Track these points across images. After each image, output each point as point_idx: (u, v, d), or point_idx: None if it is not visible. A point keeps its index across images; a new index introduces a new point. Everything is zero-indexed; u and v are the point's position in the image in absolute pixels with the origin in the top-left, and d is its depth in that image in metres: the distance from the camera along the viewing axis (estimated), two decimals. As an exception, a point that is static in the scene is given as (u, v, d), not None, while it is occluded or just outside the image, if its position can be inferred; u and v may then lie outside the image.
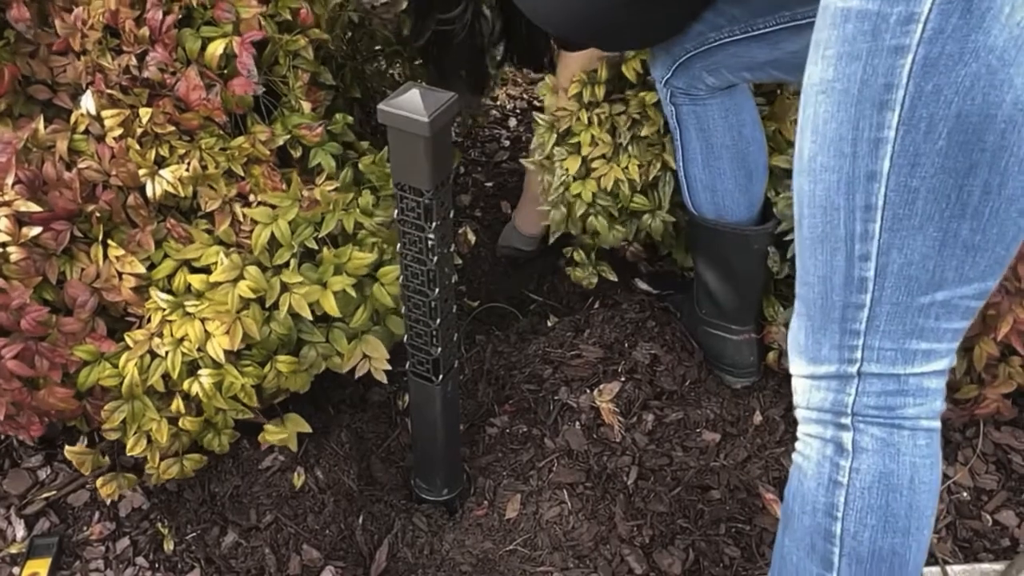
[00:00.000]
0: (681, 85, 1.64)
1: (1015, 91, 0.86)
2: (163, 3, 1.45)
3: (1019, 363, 1.61)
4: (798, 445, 1.13)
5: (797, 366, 1.11)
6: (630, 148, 1.75)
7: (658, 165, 1.76)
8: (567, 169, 1.76)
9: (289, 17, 1.57)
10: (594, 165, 1.76)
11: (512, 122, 2.73)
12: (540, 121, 1.82)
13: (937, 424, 1.08)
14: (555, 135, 1.79)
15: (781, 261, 1.76)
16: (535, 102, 2.80)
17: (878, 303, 1.00)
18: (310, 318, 1.46)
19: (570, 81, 1.79)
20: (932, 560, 1.59)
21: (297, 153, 1.60)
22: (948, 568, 1.57)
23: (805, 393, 1.10)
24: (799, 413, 1.12)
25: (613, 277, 1.94)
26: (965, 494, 1.70)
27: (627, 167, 1.74)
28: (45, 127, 1.48)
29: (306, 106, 1.59)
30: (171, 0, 1.46)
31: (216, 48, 1.46)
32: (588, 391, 1.85)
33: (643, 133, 1.75)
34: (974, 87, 0.86)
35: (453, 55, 1.63)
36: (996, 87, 0.86)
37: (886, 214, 0.94)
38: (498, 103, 2.77)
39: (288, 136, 1.58)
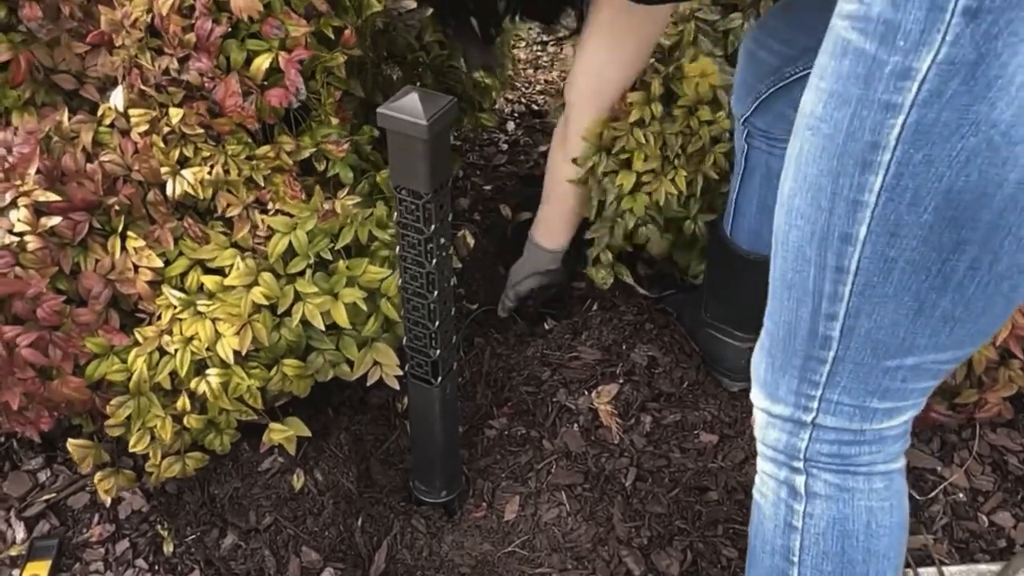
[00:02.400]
0: (761, 125, 1.57)
1: (1020, 170, 0.77)
2: (212, 12, 1.44)
3: (1019, 366, 1.62)
4: (757, 480, 1.10)
5: (756, 397, 1.06)
6: (676, 161, 1.75)
7: (700, 179, 1.77)
8: (620, 185, 1.74)
9: (331, 35, 1.56)
10: (644, 179, 1.74)
11: (510, 126, 2.73)
12: (586, 143, 1.77)
13: (897, 465, 1.03)
14: (605, 155, 1.75)
15: None
16: (533, 106, 2.81)
17: (840, 361, 0.94)
18: (322, 328, 1.47)
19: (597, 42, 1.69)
20: (929, 561, 1.60)
21: (321, 166, 1.60)
22: (945, 569, 1.58)
23: (762, 427, 1.06)
24: (758, 446, 1.08)
25: (630, 280, 1.94)
26: (961, 495, 1.72)
27: (674, 179, 1.73)
28: (69, 118, 1.48)
29: (334, 122, 1.59)
30: (220, 10, 1.45)
31: (263, 62, 1.47)
32: (586, 393, 1.86)
33: (690, 150, 1.75)
34: (970, 163, 0.77)
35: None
36: (997, 165, 0.76)
37: (858, 279, 0.87)
38: (496, 107, 2.77)
39: (314, 149, 1.58)
